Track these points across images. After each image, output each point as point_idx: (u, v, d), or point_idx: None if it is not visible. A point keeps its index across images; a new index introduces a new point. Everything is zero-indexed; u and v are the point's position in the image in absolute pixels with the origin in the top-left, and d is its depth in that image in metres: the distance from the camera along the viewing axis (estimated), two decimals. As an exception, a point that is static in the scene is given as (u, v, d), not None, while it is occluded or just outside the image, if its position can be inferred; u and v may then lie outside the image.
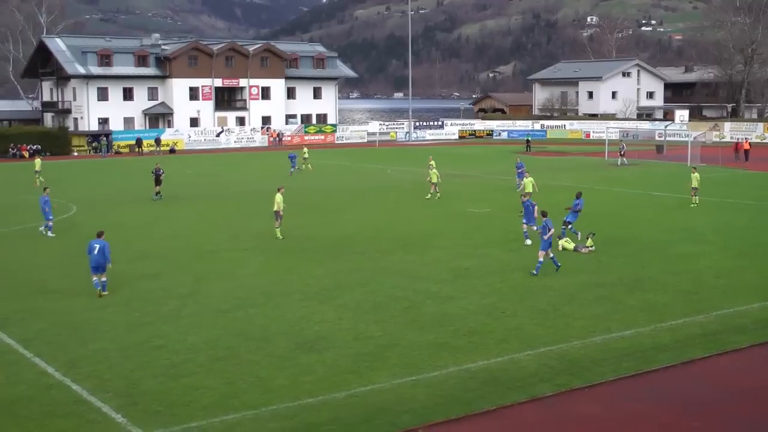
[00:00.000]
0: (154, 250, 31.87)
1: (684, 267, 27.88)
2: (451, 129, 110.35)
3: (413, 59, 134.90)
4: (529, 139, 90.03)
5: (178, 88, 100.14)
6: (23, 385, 16.98)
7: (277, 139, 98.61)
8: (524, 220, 32.06)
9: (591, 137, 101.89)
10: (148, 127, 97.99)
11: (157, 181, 47.28)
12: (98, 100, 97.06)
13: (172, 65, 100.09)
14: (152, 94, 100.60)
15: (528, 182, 38.86)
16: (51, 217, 35.39)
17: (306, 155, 65.38)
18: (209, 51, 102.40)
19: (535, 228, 30.43)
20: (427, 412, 15.31)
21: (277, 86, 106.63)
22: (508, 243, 32.23)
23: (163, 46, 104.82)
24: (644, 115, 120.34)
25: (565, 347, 19.14)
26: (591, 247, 30.25)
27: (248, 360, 18.44)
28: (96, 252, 24.44)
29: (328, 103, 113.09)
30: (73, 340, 20.02)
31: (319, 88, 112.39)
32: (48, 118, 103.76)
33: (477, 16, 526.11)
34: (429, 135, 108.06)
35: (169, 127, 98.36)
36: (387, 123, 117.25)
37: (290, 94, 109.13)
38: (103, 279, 24.60)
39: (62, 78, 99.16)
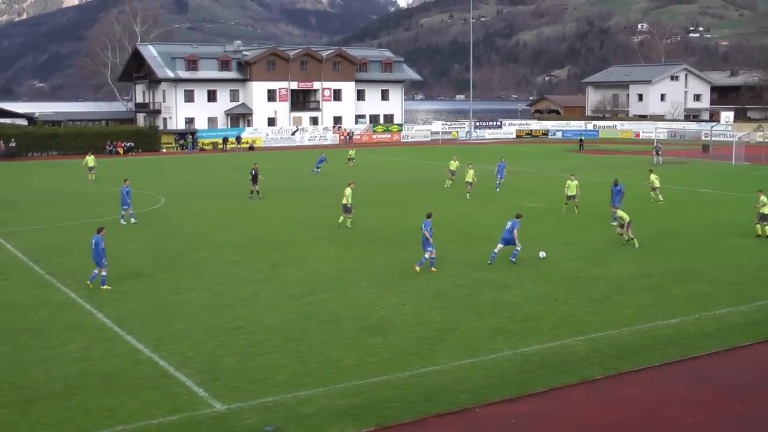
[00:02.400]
0: (234, 239, 32.22)
1: (728, 260, 27.28)
2: (509, 129, 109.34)
3: (474, 63, 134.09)
4: (582, 138, 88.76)
5: (257, 91, 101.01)
6: (117, 360, 17.33)
7: (348, 137, 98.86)
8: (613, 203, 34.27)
9: (641, 137, 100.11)
10: (229, 126, 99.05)
11: (255, 181, 45.09)
12: (185, 101, 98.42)
13: (252, 69, 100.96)
14: (234, 95, 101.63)
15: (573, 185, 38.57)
16: (130, 204, 36.23)
17: (352, 156, 64.78)
18: (286, 56, 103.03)
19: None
20: (483, 392, 15.24)
21: (348, 88, 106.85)
22: (562, 235, 31.88)
23: (244, 52, 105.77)
24: (691, 116, 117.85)
25: (614, 333, 18.88)
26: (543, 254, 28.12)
27: (319, 341, 18.54)
28: (93, 247, 23.87)
29: (395, 104, 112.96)
30: (161, 320, 20.36)
31: (387, 91, 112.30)
32: (140, 118, 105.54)
33: (534, 23, 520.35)
34: (488, 134, 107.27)
35: (248, 126, 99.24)
36: (449, 123, 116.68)
37: (360, 95, 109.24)
38: (103, 273, 23.83)
39: (153, 81, 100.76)
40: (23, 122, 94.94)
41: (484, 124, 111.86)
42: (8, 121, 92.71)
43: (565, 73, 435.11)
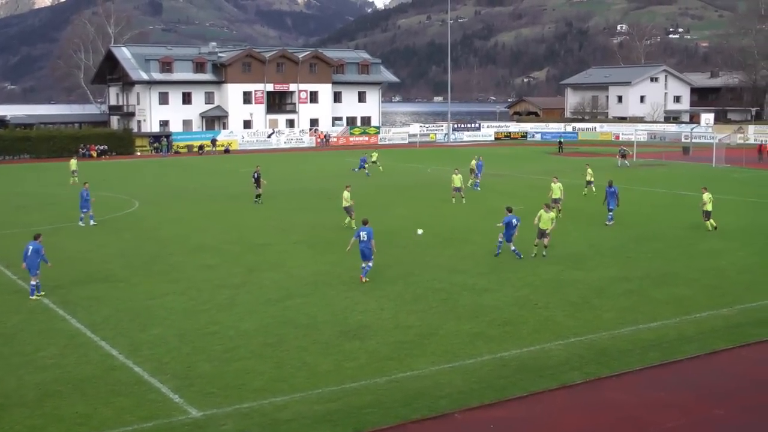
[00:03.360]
0: (210, 242, 32.09)
1: (708, 263, 27.48)
2: (488, 131, 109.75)
3: (452, 65, 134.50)
4: (562, 140, 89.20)
5: (232, 93, 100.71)
6: (91, 366, 17.21)
7: (324, 140, 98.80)
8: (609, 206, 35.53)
9: (620, 139, 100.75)
10: (204, 129, 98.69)
11: (258, 184, 44.21)
12: (159, 103, 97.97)
13: (227, 71, 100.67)
14: (209, 98, 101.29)
15: (556, 188, 38.74)
16: (90, 207, 36.69)
17: (375, 158, 63.66)
18: (262, 58, 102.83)
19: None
20: (463, 397, 15.26)
21: (325, 91, 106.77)
22: (541, 238, 31.96)
23: (219, 54, 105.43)
24: (671, 118, 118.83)
25: (594, 338, 18.96)
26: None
27: (296, 346, 18.50)
28: (30, 253, 23.40)
29: (372, 107, 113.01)
30: (135, 326, 20.24)
31: (364, 93, 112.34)
32: (114, 121, 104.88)
33: (513, 24, 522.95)
34: (466, 136, 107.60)
35: (224, 128, 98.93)
36: (427, 125, 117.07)
37: (337, 98, 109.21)
38: (36, 282, 23.37)
39: (127, 84, 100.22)
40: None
41: (463, 126, 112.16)
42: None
43: (543, 75, 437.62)
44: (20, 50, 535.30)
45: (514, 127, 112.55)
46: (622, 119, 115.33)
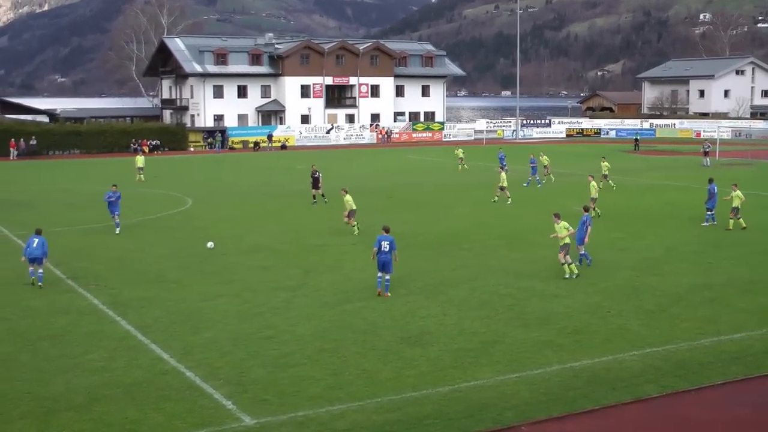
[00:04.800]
0: (265, 243, 32.42)
1: (798, 270, 26.86)
2: (559, 127, 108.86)
3: (521, 57, 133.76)
4: (638, 137, 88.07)
5: (290, 86, 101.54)
6: (141, 370, 17.51)
7: (386, 136, 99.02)
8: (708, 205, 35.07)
9: (702, 136, 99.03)
10: (260, 124, 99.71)
11: (315, 184, 43.93)
12: (214, 97, 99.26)
13: (284, 64, 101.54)
14: (265, 91, 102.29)
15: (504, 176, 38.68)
16: (118, 213, 35.12)
17: (461, 155, 63.30)
18: (320, 50, 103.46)
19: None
20: (530, 410, 15.16)
21: (386, 84, 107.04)
22: (614, 242, 31.62)
23: (276, 45, 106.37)
24: (758, 114, 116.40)
25: (671, 349, 18.68)
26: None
27: (354, 352, 18.58)
28: (35, 246, 25.03)
29: (436, 101, 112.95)
30: (187, 329, 20.54)
31: (428, 86, 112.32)
32: (167, 115, 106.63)
33: (586, 14, 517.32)
34: (536, 133, 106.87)
35: (280, 123, 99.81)
36: (494, 121, 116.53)
37: (399, 91, 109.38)
38: (40, 271, 25.09)
39: (181, 76, 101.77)
40: (44, 119, 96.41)
41: (532, 122, 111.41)
42: (29, 117, 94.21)
43: (619, 68, 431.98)
44: (71, 41, 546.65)
45: (586, 123, 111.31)
46: (703, 115, 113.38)
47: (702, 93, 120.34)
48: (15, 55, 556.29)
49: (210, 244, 31.05)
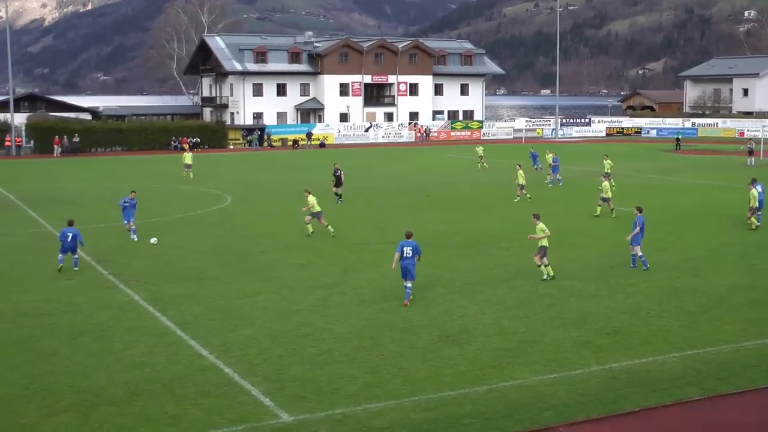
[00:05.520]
0: (302, 241, 32.53)
1: (843, 272, 26.43)
2: (599, 126, 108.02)
3: (561, 56, 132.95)
4: (680, 137, 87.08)
5: (329, 84, 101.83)
6: (180, 365, 17.66)
7: (424, 134, 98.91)
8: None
9: (745, 135, 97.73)
10: (299, 122, 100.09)
11: (338, 183, 43.76)
12: (253, 95, 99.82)
13: (323, 62, 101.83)
14: (304, 89, 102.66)
15: (605, 186, 38.16)
16: (133, 219, 33.26)
17: (481, 153, 63.17)
18: (359, 48, 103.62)
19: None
20: (568, 411, 15.07)
21: (425, 83, 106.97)
22: (655, 242, 31.28)
23: (315, 44, 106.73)
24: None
25: (713, 351, 18.45)
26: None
27: (392, 351, 18.59)
28: (69, 240, 26.55)
29: (475, 100, 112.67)
30: (226, 325, 20.67)
31: (466, 85, 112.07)
32: (207, 113, 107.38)
33: (627, 12, 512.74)
34: (575, 132, 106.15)
35: (319, 122, 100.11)
36: (533, 120, 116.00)
37: (438, 90, 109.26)
38: (75, 256, 26.97)
39: (221, 74, 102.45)
40: (87, 116, 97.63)
41: (572, 121, 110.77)
42: (72, 115, 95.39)
43: (660, 66, 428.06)
44: (113, 40, 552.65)
45: (627, 122, 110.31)
46: (747, 114, 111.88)
47: (746, 92, 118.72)
48: (59, 54, 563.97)
49: (153, 240, 31.43)
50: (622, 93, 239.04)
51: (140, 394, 15.96)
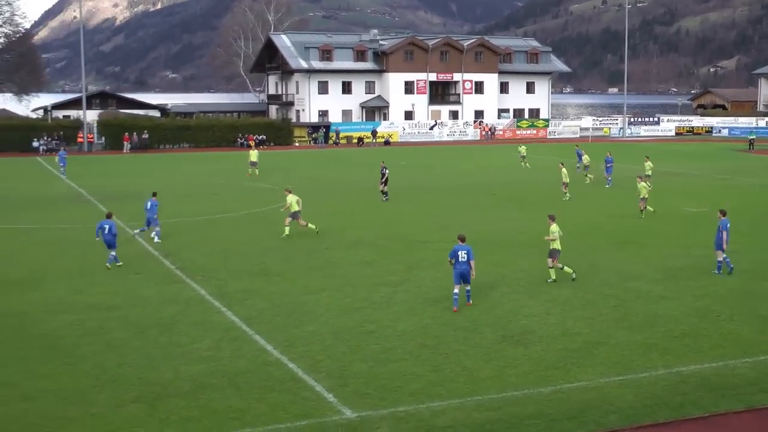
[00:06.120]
0: (367, 238, 32.62)
1: None
2: (668, 125, 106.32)
3: (629, 54, 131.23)
4: (753, 137, 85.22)
5: (394, 82, 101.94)
6: (245, 360, 17.85)
7: (490, 133, 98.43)
8: None
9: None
10: (364, 120, 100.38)
11: (384, 181, 43.57)
12: (319, 93, 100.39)
13: (388, 60, 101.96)
14: (369, 87, 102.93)
15: (641, 187, 37.50)
16: (157, 220, 32.35)
17: (524, 153, 63.01)
18: (425, 46, 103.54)
19: None
20: (634, 414, 14.87)
21: (491, 81, 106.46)
22: (726, 244, 30.70)
23: (380, 42, 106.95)
24: None
25: (786, 356, 18.03)
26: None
27: (455, 349, 18.54)
28: (106, 232, 26.76)
29: (541, 98, 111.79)
30: (291, 321, 20.83)
31: (532, 83, 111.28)
32: (272, 110, 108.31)
33: (698, 8, 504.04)
34: (644, 131, 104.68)
35: (384, 119, 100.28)
36: (600, 118, 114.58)
37: (503, 88, 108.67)
38: (113, 253, 27.03)
39: (286, 72, 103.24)
40: (156, 114, 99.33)
41: (640, 119, 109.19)
42: (141, 112, 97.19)
43: (733, 64, 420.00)
44: (181, 39, 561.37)
45: (697, 121, 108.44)
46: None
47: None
48: (130, 52, 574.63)
49: (156, 239, 31.63)
50: (693, 91, 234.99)
51: (206, 388, 16.18)
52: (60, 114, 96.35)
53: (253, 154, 57.97)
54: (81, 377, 16.81)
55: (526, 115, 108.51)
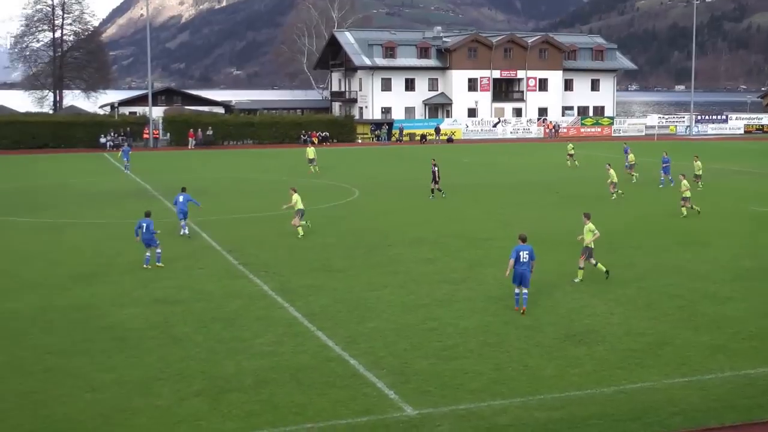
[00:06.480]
0: (430, 235, 32.58)
1: None
2: (736, 123, 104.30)
3: (697, 50, 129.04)
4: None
5: (457, 79, 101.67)
6: (307, 356, 17.96)
7: (553, 131, 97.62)
8: None
9: None
10: (427, 117, 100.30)
11: (435, 179, 43.59)
12: (382, 90, 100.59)
13: (452, 57, 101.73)
14: (432, 84, 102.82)
15: (684, 185, 36.84)
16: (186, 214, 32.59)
17: (571, 151, 62.27)
18: (488, 43, 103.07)
19: None
20: (700, 416, 14.61)
21: (555, 78, 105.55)
22: (796, 245, 30.07)
23: (444, 39, 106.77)
24: None
25: None
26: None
27: (517, 348, 18.44)
28: (144, 231, 26.46)
29: (606, 95, 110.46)
30: (353, 318, 20.90)
31: (597, 80, 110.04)
32: (336, 107, 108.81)
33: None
34: (711, 129, 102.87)
35: (447, 117, 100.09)
36: (666, 116, 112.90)
37: (567, 85, 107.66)
38: (158, 251, 26.75)
39: (350, 69, 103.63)
40: (220, 110, 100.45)
41: (707, 117, 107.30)
42: (206, 109, 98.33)
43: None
44: (246, 36, 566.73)
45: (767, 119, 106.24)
46: None
47: None
48: (195, 50, 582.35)
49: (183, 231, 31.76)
50: (763, 89, 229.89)
51: (268, 382, 16.31)
52: (126, 110, 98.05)
53: (311, 152, 58.34)
54: (146, 370, 17.08)
55: (591, 113, 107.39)
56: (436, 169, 43.69)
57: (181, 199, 32.08)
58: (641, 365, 17.30)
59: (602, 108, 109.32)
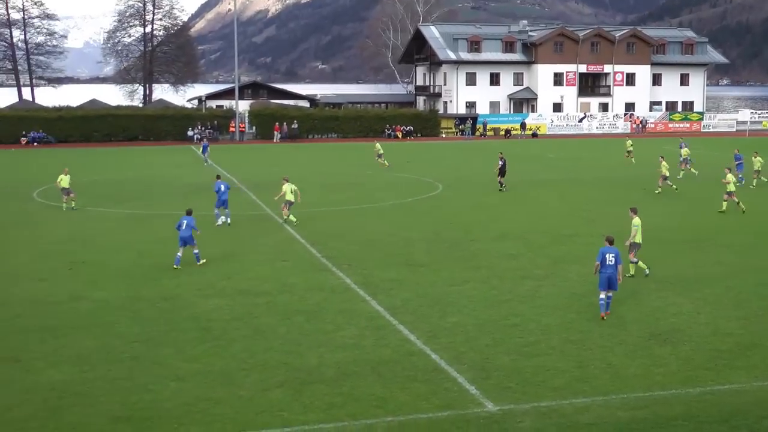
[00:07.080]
0: (513, 231, 32.39)
1: None
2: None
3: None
4: None
5: (542, 74, 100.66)
6: (389, 349, 18.04)
7: (641, 126, 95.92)
8: None
9: None
10: (512, 112, 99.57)
11: (501, 172, 43.83)
12: (466, 84, 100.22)
13: (537, 51, 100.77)
14: (517, 79, 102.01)
15: (730, 177, 36.49)
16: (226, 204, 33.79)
17: (630, 148, 60.91)
18: (575, 37, 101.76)
19: None
20: (791, 419, 14.25)
21: (643, 72, 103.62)
22: None
23: (529, 33, 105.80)
24: None
25: None
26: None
27: (600, 345, 18.23)
28: (184, 228, 26.02)
29: (696, 90, 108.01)
30: (434, 312, 20.92)
31: (687, 75, 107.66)
32: (420, 101, 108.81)
33: None
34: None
35: (532, 111, 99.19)
36: (759, 111, 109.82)
37: (655, 80, 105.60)
38: (195, 251, 26.44)
39: (434, 63, 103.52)
40: (305, 104, 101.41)
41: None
42: (291, 102, 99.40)
43: None
44: (331, 30, 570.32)
45: None
46: None
47: None
48: (281, 44, 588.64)
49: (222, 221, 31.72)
50: None
51: (349, 375, 16.45)
52: (213, 104, 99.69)
53: (378, 146, 58.62)
54: (229, 360, 17.38)
55: (680, 108, 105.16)
56: (503, 162, 43.92)
57: (222, 188, 33.27)
58: (729, 366, 16.94)
59: (691, 103, 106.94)
